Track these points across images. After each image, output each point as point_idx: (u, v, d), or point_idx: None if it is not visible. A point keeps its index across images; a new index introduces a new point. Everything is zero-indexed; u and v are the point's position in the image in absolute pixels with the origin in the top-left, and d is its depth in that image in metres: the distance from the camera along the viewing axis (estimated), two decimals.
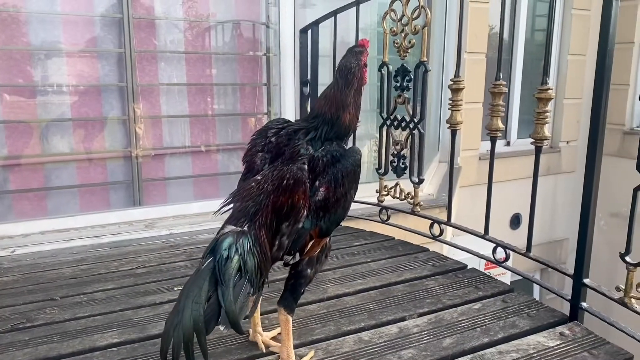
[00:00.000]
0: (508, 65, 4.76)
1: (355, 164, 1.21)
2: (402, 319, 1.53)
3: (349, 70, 1.26)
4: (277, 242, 1.16)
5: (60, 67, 2.50)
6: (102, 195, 2.68)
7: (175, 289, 1.76)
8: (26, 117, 2.46)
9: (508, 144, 4.85)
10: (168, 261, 2.06)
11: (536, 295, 4.94)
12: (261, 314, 1.49)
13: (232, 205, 1.18)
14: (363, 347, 1.37)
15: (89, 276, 1.90)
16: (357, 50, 1.28)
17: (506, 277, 3.65)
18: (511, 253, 1.80)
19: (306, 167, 1.19)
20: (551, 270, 1.69)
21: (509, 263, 1.88)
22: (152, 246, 2.29)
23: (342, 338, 1.42)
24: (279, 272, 1.58)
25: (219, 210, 1.18)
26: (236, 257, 1.06)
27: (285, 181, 1.16)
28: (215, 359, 1.30)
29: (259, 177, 1.20)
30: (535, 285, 4.66)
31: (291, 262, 1.22)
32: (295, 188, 1.16)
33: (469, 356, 1.33)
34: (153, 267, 1.99)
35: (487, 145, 2.49)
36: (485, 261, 2.02)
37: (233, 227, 1.12)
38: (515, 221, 4.82)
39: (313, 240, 1.21)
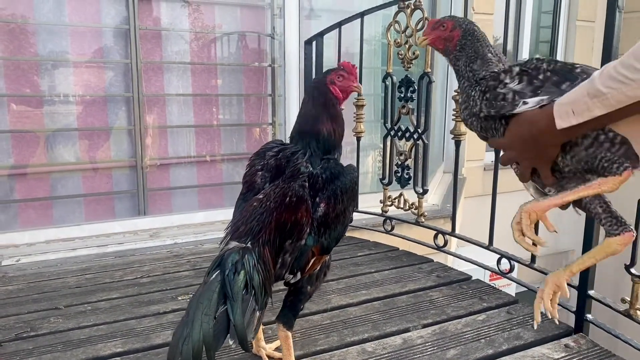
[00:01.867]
0: None
1: (353, 181, 1.24)
2: (406, 330, 1.52)
3: (312, 88, 1.35)
4: (280, 260, 1.16)
5: (67, 77, 2.53)
6: (107, 204, 2.69)
7: (179, 298, 1.76)
8: (33, 127, 2.49)
9: None
10: (172, 271, 2.06)
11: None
12: (263, 324, 1.48)
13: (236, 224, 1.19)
14: (367, 359, 1.36)
15: (94, 285, 1.91)
16: (327, 70, 1.36)
17: (511, 289, 3.63)
18: (516, 264, 1.79)
19: (307, 184, 1.21)
20: None
21: (514, 274, 1.87)
22: (156, 256, 2.29)
23: (346, 349, 1.42)
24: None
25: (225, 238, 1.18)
26: (242, 272, 1.05)
27: (287, 198, 1.17)
28: None
29: (261, 196, 1.20)
30: None
31: (292, 282, 1.21)
32: (298, 205, 1.18)
33: None
34: (157, 277, 1.99)
35: (491, 155, 2.49)
36: (489, 272, 2.02)
37: (237, 244, 1.12)
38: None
39: (315, 258, 1.22)
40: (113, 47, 2.61)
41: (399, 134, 2.23)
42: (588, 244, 1.49)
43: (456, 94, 1.93)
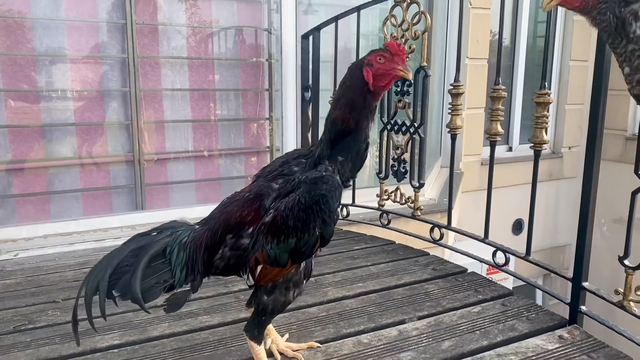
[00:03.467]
0: (510, 71, 4.78)
1: (315, 198, 1.08)
2: (402, 322, 1.53)
3: (348, 68, 1.21)
4: (220, 251, 1.16)
5: (64, 72, 2.53)
6: (104, 199, 2.69)
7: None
8: (30, 122, 2.49)
9: (510, 149, 4.86)
10: None
11: (539, 300, 4.93)
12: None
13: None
14: (362, 350, 1.37)
15: None
16: (372, 50, 1.20)
17: (508, 283, 3.65)
18: (513, 258, 1.80)
19: (277, 185, 1.15)
20: (554, 276, 1.70)
21: (511, 268, 1.88)
22: None
23: (342, 340, 1.43)
24: None
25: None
26: (164, 241, 1.15)
27: (247, 194, 1.17)
28: None
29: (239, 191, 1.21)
30: (538, 291, 4.65)
31: (248, 284, 1.18)
32: (251, 203, 1.14)
33: (468, 359, 1.33)
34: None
35: (489, 150, 2.50)
36: (487, 267, 2.03)
37: (185, 221, 1.19)
38: (517, 227, 4.81)
39: (261, 266, 1.13)
40: (110, 42, 2.60)
41: (395, 128, 2.23)
42: (582, 238, 1.50)
43: (452, 87, 1.93)
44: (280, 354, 1.34)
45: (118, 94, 2.64)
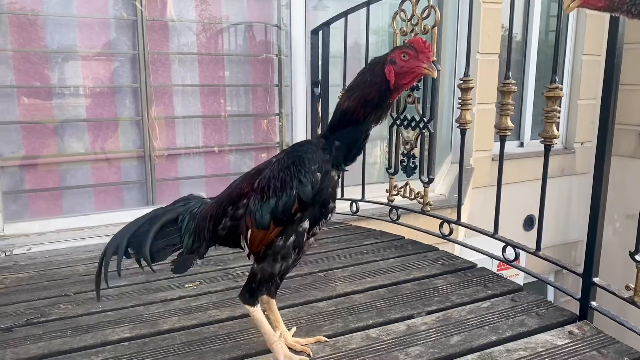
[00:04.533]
0: (521, 66, 4.74)
1: (290, 159, 1.17)
2: (410, 317, 1.53)
3: (369, 63, 1.21)
4: (222, 222, 1.28)
5: (75, 69, 2.55)
6: (116, 194, 2.72)
7: (186, 286, 1.78)
8: (42, 118, 2.51)
9: (521, 145, 4.82)
10: None
11: (550, 297, 4.90)
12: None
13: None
14: (371, 344, 1.38)
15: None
16: (396, 46, 1.23)
17: (519, 279, 3.62)
18: (524, 255, 1.79)
19: (275, 160, 1.24)
20: (566, 273, 1.69)
21: (522, 264, 1.86)
22: None
23: (350, 335, 1.43)
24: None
25: None
26: (178, 210, 1.33)
27: (251, 170, 1.29)
28: (223, 354, 1.32)
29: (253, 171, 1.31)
30: (549, 287, 4.62)
31: (246, 254, 1.28)
32: (250, 177, 1.27)
33: (477, 354, 1.33)
34: (164, 265, 2.01)
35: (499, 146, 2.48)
36: (498, 263, 2.02)
37: (201, 195, 1.34)
38: (529, 223, 4.78)
39: (250, 230, 1.21)
40: (120, 39, 2.62)
41: (405, 123, 2.23)
42: (592, 233, 1.49)
43: (461, 82, 1.92)
44: (289, 348, 1.34)
45: (129, 90, 2.66)
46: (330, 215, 1.28)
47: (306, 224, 1.22)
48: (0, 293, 1.76)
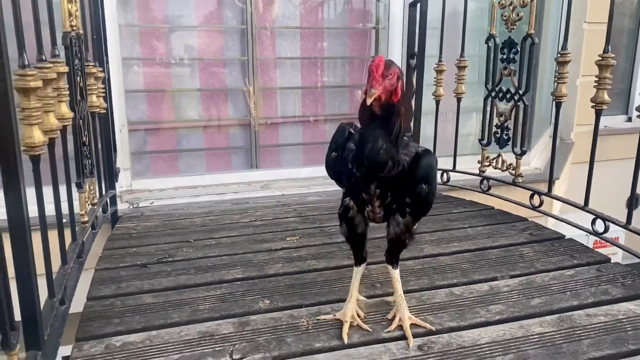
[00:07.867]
0: (634, 35, 4.43)
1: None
2: (494, 279, 1.62)
3: None
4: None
5: (190, 42, 2.83)
6: (224, 158, 3.00)
7: (288, 239, 2.00)
8: (163, 87, 2.83)
9: (629, 119, 4.53)
10: (281, 217, 2.31)
11: None
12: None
13: None
14: (454, 300, 1.49)
15: (216, 225, 2.21)
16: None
17: (617, 258, 3.50)
18: (623, 234, 1.79)
19: None
20: None
21: (622, 242, 1.86)
22: (266, 204, 2.57)
23: (435, 291, 1.55)
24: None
25: None
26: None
27: None
28: (320, 297, 1.50)
29: None
30: None
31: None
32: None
33: (556, 315, 1.40)
34: (268, 221, 2.25)
35: (605, 120, 2.39)
36: (594, 240, 2.00)
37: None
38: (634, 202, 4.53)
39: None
40: (231, 14, 2.86)
41: (500, 95, 2.25)
42: None
43: (559, 55, 1.92)
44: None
45: (237, 62, 2.90)
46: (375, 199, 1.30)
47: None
48: (134, 236, 2.08)
